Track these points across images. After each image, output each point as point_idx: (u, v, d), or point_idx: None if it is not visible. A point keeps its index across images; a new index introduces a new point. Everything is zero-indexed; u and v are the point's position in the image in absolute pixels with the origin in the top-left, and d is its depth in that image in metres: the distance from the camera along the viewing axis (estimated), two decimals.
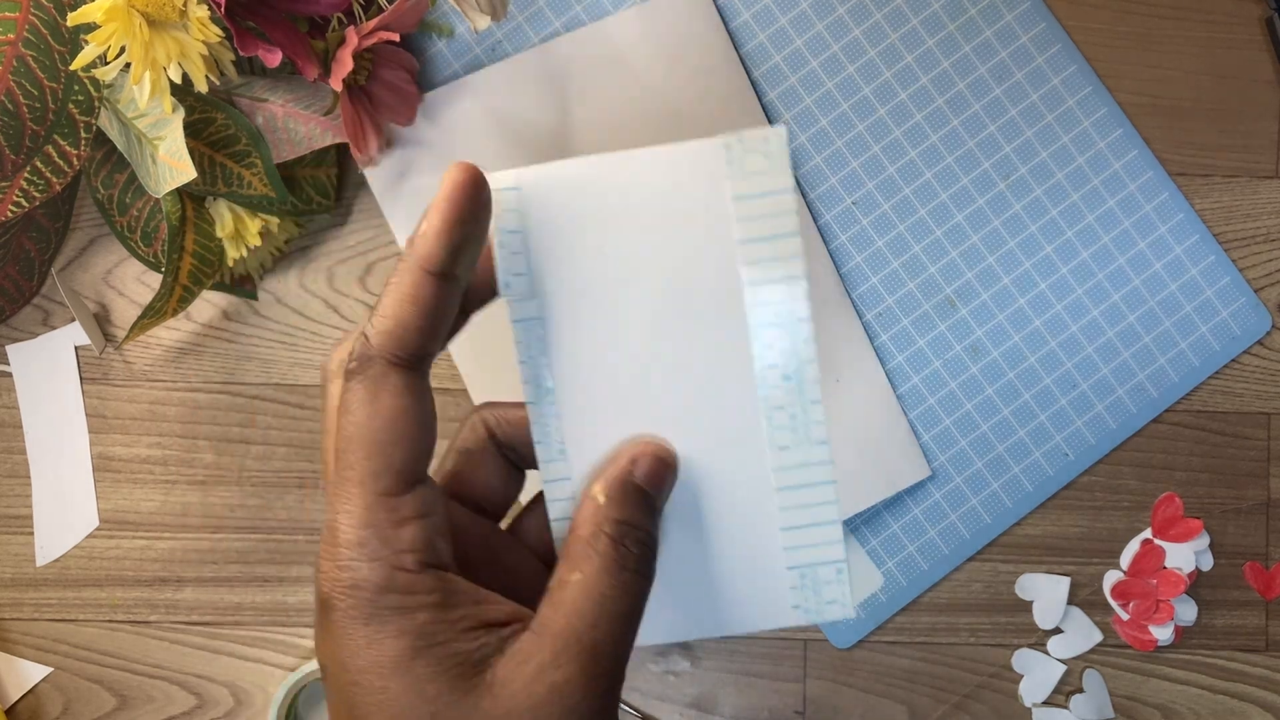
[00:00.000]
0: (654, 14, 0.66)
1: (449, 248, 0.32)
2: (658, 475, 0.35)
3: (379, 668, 0.31)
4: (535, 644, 0.32)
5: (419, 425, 0.32)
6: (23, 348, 0.68)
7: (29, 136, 0.54)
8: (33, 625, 0.68)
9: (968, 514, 0.68)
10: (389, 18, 0.57)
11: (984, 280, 0.67)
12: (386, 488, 0.32)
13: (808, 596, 0.37)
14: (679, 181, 0.36)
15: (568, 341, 0.36)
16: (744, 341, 0.36)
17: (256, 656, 0.68)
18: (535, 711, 0.31)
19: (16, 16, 0.53)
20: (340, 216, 0.68)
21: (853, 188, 0.68)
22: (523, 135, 0.66)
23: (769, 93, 0.67)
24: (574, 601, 0.32)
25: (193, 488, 0.68)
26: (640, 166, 0.36)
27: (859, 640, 0.68)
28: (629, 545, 0.33)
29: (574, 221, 0.36)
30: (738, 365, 0.36)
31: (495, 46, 0.67)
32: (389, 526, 0.31)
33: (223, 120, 0.58)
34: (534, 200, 0.36)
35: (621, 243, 0.36)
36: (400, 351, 0.32)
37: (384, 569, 0.31)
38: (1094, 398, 0.67)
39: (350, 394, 0.32)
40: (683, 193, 0.36)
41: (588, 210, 0.36)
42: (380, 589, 0.31)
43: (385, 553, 0.31)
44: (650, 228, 0.36)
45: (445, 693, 0.31)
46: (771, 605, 0.37)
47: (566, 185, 0.36)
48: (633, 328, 0.36)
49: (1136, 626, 0.67)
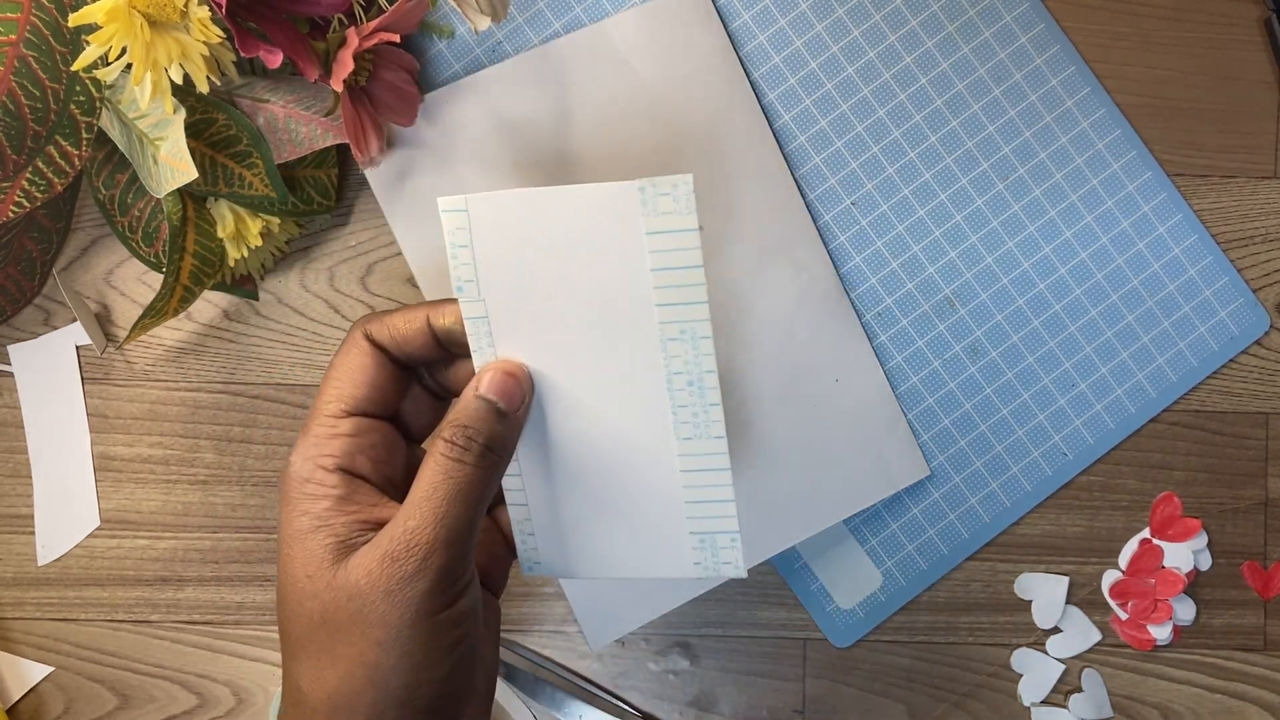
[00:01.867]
0: (653, 15, 0.66)
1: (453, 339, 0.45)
2: (498, 384, 0.44)
3: (290, 537, 0.42)
4: (382, 532, 0.41)
5: (370, 380, 0.44)
6: (24, 347, 0.68)
7: (30, 137, 0.55)
8: (34, 624, 0.68)
9: (967, 513, 0.68)
10: (389, 19, 0.57)
11: (983, 280, 0.67)
12: (332, 411, 0.44)
13: (706, 556, 0.46)
14: (603, 215, 0.42)
15: (508, 337, 0.44)
16: (656, 351, 0.44)
17: (258, 656, 0.68)
18: (371, 577, 0.40)
19: (18, 17, 0.53)
20: (341, 217, 0.68)
21: (852, 188, 0.68)
22: (523, 136, 0.66)
23: (768, 94, 0.68)
24: (412, 492, 0.41)
25: (194, 487, 0.68)
26: (571, 200, 0.43)
27: (859, 640, 0.68)
28: (458, 441, 0.42)
29: (515, 241, 0.43)
30: (651, 370, 0.44)
31: (495, 48, 0.67)
32: (324, 438, 0.43)
33: (224, 121, 0.58)
34: (481, 220, 0.43)
35: (555, 261, 0.43)
36: (375, 339, 0.45)
37: (309, 465, 0.43)
38: (1092, 398, 0.68)
39: (337, 350, 0.45)
40: (605, 225, 0.43)
41: (527, 233, 0.43)
42: (303, 479, 0.42)
43: (313, 454, 0.43)
44: (578, 252, 0.43)
45: (322, 561, 0.41)
46: (675, 560, 0.47)
47: (509, 210, 0.43)
48: (564, 331, 0.44)
49: (1135, 626, 0.67)
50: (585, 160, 0.66)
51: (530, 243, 0.43)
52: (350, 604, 0.40)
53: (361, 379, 0.44)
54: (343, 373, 0.44)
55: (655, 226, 0.42)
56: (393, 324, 0.45)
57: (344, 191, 0.68)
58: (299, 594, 0.41)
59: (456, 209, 0.43)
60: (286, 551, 0.42)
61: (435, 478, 0.41)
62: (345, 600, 0.40)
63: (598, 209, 0.42)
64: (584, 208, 0.43)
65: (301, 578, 0.41)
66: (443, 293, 0.66)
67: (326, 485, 0.42)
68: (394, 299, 0.68)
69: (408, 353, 0.45)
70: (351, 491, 0.42)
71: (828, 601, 0.68)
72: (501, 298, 0.44)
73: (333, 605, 0.40)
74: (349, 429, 0.43)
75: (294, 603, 0.41)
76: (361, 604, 0.40)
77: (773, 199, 0.67)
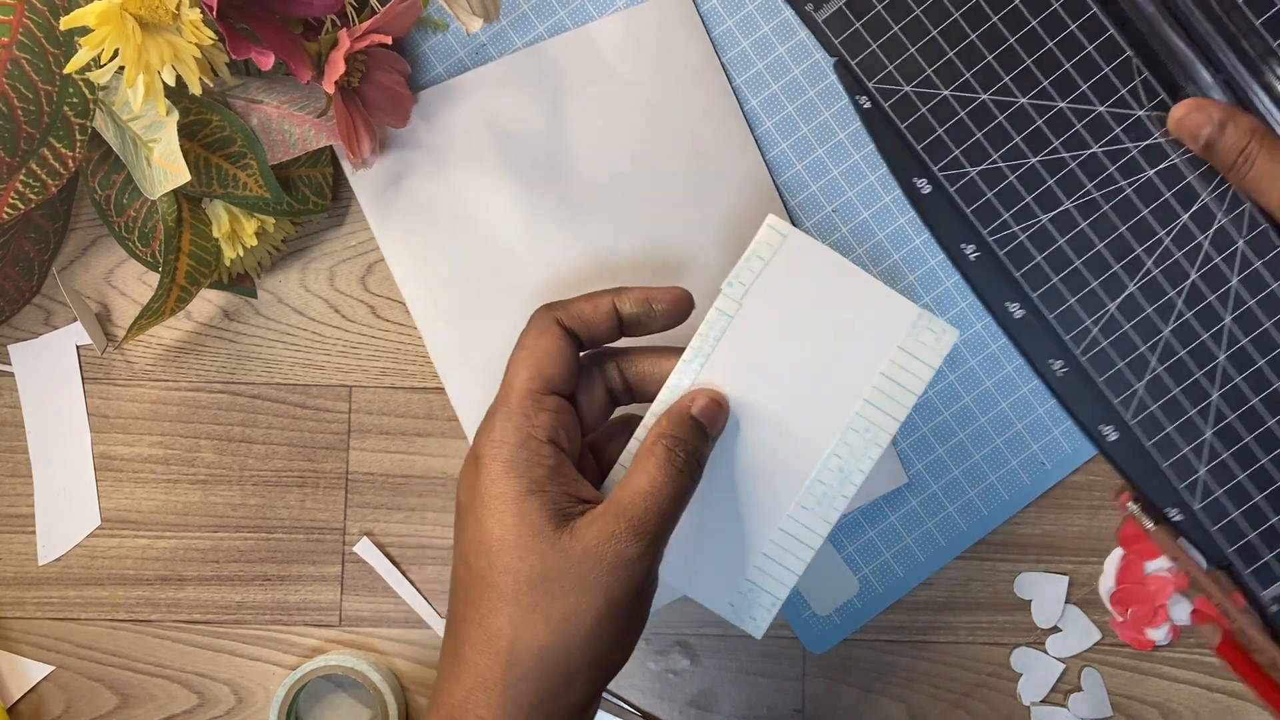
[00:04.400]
0: (637, 20, 0.66)
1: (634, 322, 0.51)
2: (708, 410, 0.49)
3: (504, 497, 0.46)
4: (605, 510, 0.46)
5: (564, 361, 0.49)
6: (24, 347, 0.68)
7: (24, 139, 0.55)
8: (34, 624, 0.68)
9: (944, 521, 0.67)
10: (380, 21, 0.57)
11: (961, 288, 0.67)
12: (536, 387, 0.48)
13: (741, 603, 0.51)
14: (872, 310, 0.50)
15: (727, 351, 0.50)
16: (833, 431, 0.50)
17: (258, 655, 0.69)
18: (598, 549, 0.45)
19: (10, 20, 0.53)
20: (341, 217, 0.68)
21: (833, 195, 0.67)
22: (514, 137, 0.66)
23: (751, 100, 0.67)
24: (634, 485, 0.46)
25: (194, 487, 0.69)
26: (860, 283, 0.50)
27: (833, 645, 0.68)
28: (678, 452, 0.47)
29: (793, 283, 0.50)
30: (817, 442, 0.50)
31: (479, 50, 0.67)
32: (531, 411, 0.47)
33: (218, 122, 0.58)
34: (787, 250, 0.50)
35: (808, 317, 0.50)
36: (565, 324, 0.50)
37: (522, 434, 0.47)
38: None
39: (527, 332, 0.50)
40: (870, 318, 0.50)
41: (806, 283, 0.50)
42: (519, 445, 0.46)
43: (523, 425, 0.47)
44: (832, 322, 0.50)
45: (542, 524, 0.45)
46: (716, 590, 0.51)
47: (810, 258, 0.50)
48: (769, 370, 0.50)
49: (1134, 629, 0.67)
50: (571, 164, 0.66)
51: (803, 291, 0.50)
52: (574, 569, 0.44)
53: (558, 359, 0.49)
54: (540, 354, 0.49)
55: (907, 346, 0.50)
56: (580, 310, 0.50)
57: (342, 190, 0.68)
58: (519, 550, 0.45)
59: (779, 231, 0.50)
60: (501, 509, 0.46)
61: (661, 476, 0.47)
62: (570, 565, 0.45)
63: (872, 302, 0.50)
64: (863, 296, 0.50)
65: (523, 536, 0.45)
66: (429, 299, 0.67)
67: (541, 455, 0.47)
68: (394, 299, 0.68)
69: (591, 336, 0.50)
70: (560, 464, 0.47)
71: (804, 608, 0.67)
72: (749, 316, 0.50)
73: (555, 567, 0.45)
74: (552, 405, 0.48)
75: (510, 558, 0.45)
76: (585, 571, 0.44)
77: (754, 205, 0.67)
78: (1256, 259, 0.64)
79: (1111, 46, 0.64)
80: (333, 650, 0.68)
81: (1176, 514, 0.65)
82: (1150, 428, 0.65)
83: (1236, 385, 0.65)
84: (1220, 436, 0.65)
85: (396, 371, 0.68)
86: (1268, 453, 0.65)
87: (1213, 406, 0.65)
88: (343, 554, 0.68)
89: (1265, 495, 0.65)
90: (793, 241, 0.50)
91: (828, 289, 0.50)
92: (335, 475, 0.68)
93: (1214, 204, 0.64)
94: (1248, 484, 0.65)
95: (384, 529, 0.68)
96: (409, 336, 0.68)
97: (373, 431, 0.68)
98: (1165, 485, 0.65)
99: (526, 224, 0.67)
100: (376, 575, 0.68)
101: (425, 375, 0.68)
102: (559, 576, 0.44)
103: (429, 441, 0.68)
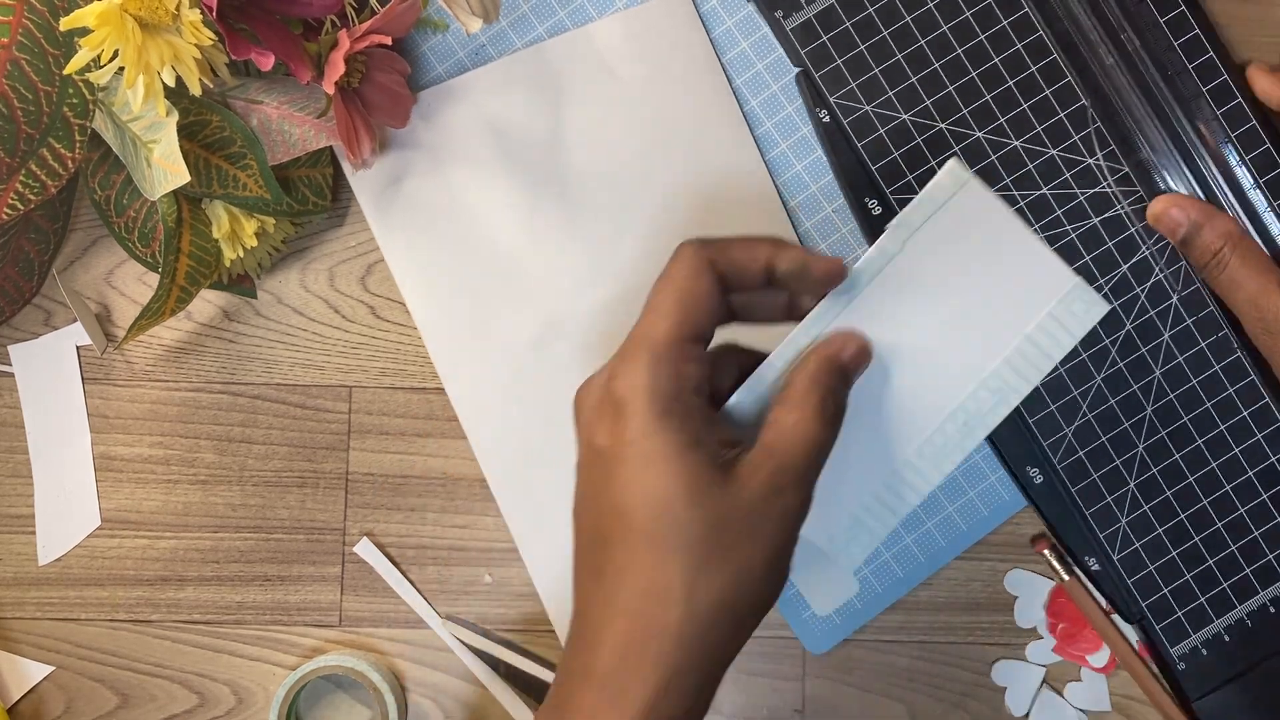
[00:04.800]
0: (637, 21, 0.66)
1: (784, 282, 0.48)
2: (856, 359, 0.48)
3: (664, 451, 0.44)
4: (763, 456, 0.45)
5: (713, 312, 0.46)
6: (24, 348, 0.68)
7: (24, 140, 0.55)
8: (34, 624, 0.68)
9: (944, 522, 0.67)
10: (380, 21, 0.57)
11: None
12: (686, 334, 0.45)
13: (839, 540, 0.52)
14: (1029, 274, 0.49)
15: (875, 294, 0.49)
16: (966, 385, 0.50)
17: (258, 655, 0.69)
18: (765, 498, 0.44)
19: (10, 20, 0.53)
20: (341, 217, 0.68)
21: (832, 196, 0.68)
22: (514, 138, 0.66)
23: (750, 100, 0.67)
24: (791, 432, 0.45)
25: (194, 487, 0.69)
26: (1026, 245, 0.49)
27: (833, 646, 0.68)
28: (830, 401, 0.46)
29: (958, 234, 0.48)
30: (951, 391, 0.50)
31: (479, 50, 0.67)
32: (682, 360, 0.45)
33: (218, 122, 0.58)
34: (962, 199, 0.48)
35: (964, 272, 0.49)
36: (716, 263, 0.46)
37: (677, 384, 0.45)
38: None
39: (677, 267, 0.46)
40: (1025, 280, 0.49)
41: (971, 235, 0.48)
42: (674, 397, 0.44)
43: (677, 378, 0.45)
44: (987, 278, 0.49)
45: (707, 475, 0.44)
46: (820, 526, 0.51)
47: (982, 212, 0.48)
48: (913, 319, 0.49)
49: (1071, 646, 0.67)
50: (571, 164, 0.66)
51: (966, 241, 0.48)
52: (745, 520, 0.44)
53: (707, 305, 0.46)
54: (689, 297, 0.46)
55: (1057, 313, 0.49)
56: (734, 256, 0.47)
57: (342, 191, 0.68)
58: (688, 503, 0.43)
59: (958, 177, 0.48)
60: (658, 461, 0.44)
61: (816, 425, 0.46)
62: (740, 515, 0.44)
63: (1031, 263, 0.49)
64: (1024, 255, 0.49)
65: (691, 490, 0.43)
66: (428, 300, 0.67)
67: (695, 407, 0.45)
68: (394, 299, 0.68)
69: (738, 283, 0.47)
70: (711, 413, 0.47)
71: (804, 608, 0.67)
72: (908, 258, 0.48)
73: (726, 517, 0.44)
74: (699, 355, 0.46)
75: (678, 511, 0.43)
76: (755, 521, 0.44)
77: (754, 205, 0.67)
78: (1188, 316, 0.65)
79: (1069, 92, 0.65)
80: (333, 650, 0.68)
81: (1094, 563, 0.66)
82: (1076, 473, 0.66)
83: (1161, 438, 0.65)
84: (1142, 489, 0.66)
85: (396, 372, 0.68)
86: (1184, 509, 0.66)
87: (1138, 457, 0.65)
88: (343, 554, 0.68)
89: (1179, 551, 0.66)
90: (970, 189, 0.48)
91: (990, 242, 0.48)
92: (335, 475, 0.68)
93: (1153, 257, 0.65)
94: (1165, 538, 0.65)
95: (384, 529, 0.68)
96: (409, 337, 0.68)
97: (373, 432, 0.68)
98: (1087, 532, 0.66)
99: (526, 224, 0.67)
100: (376, 575, 0.68)
101: (425, 375, 0.68)
102: (731, 527, 0.44)
103: (429, 442, 0.68)
